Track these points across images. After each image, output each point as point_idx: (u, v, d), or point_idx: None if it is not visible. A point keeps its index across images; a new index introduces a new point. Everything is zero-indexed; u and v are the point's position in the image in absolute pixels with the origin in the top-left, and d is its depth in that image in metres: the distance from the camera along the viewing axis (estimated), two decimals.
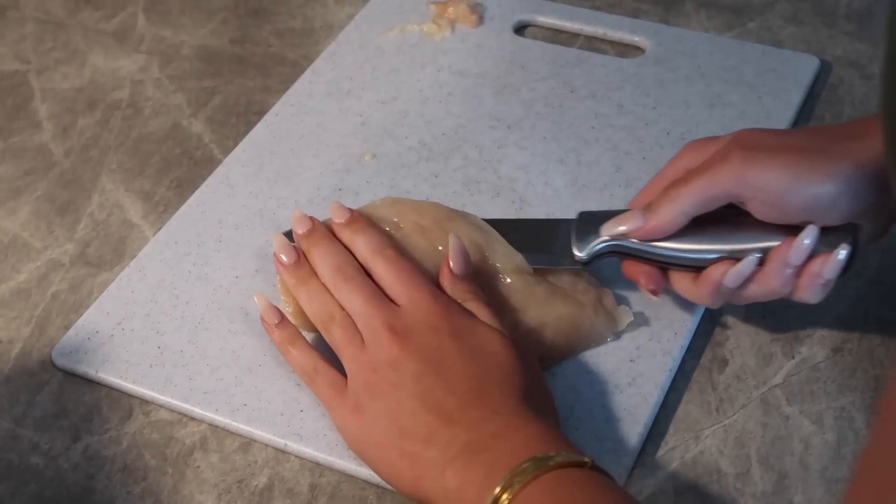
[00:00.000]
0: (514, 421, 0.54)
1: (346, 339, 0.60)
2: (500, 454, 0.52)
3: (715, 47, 0.84)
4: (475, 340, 0.58)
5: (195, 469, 0.61)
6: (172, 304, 0.68)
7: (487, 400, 0.56)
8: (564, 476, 0.51)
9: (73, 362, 0.66)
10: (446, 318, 0.59)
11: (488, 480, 0.51)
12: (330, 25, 0.91)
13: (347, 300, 0.61)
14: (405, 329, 0.58)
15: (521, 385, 0.57)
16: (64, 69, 0.89)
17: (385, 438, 0.56)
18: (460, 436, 0.54)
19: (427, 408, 0.56)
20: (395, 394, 0.57)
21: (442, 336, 0.58)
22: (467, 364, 0.57)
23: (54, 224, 0.76)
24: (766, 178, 0.57)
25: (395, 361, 0.57)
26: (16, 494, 0.61)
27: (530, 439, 0.53)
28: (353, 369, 0.59)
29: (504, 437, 0.53)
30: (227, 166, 0.78)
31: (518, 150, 0.77)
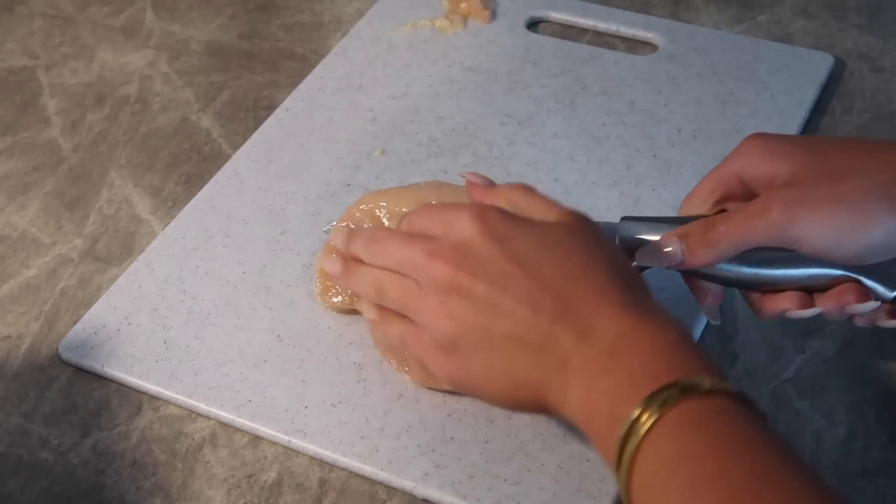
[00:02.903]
0: (625, 326, 0.51)
1: (400, 293, 0.57)
2: (623, 376, 0.49)
3: (728, 44, 0.84)
4: (534, 238, 0.55)
5: (204, 464, 0.61)
6: (179, 300, 0.68)
7: (582, 300, 0.52)
8: (700, 408, 0.47)
9: (80, 357, 0.66)
10: (491, 226, 0.55)
11: (614, 409, 0.48)
12: (338, 20, 0.91)
13: (385, 258, 0.58)
14: (450, 250, 0.55)
15: (609, 268, 0.54)
16: (72, 64, 0.89)
17: (490, 372, 0.54)
18: (573, 351, 0.51)
19: (518, 326, 0.53)
20: (475, 321, 0.54)
21: (495, 245, 0.54)
22: (539, 266, 0.54)
23: (63, 219, 0.76)
24: (808, 234, 0.54)
25: (457, 287, 0.54)
26: (25, 490, 0.60)
27: (650, 353, 0.50)
28: (424, 316, 0.56)
29: (621, 351, 0.50)
30: (237, 161, 0.78)
31: (528, 146, 0.77)
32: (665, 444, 0.46)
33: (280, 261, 0.70)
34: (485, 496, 0.57)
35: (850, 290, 0.56)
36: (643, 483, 0.47)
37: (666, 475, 0.46)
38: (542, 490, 0.57)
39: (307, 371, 0.64)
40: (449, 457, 0.59)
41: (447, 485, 0.58)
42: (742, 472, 0.44)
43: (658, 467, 0.46)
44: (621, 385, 0.49)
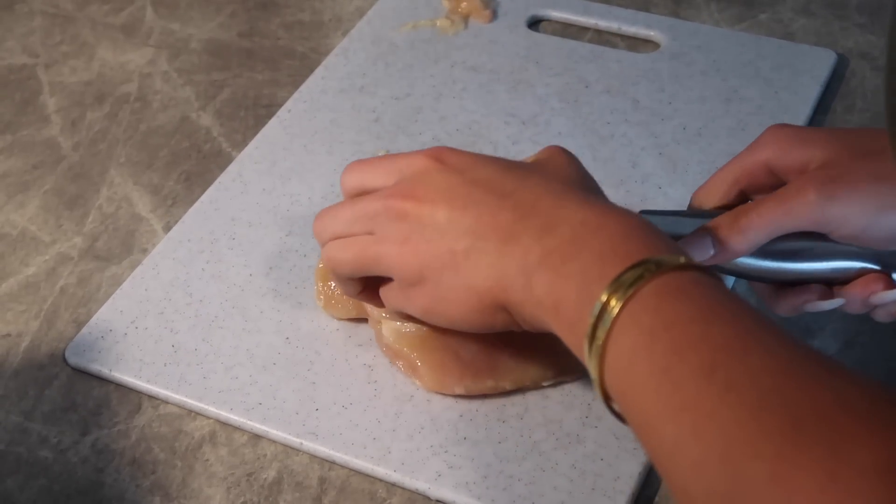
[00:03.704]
0: (588, 215, 0.51)
1: (356, 251, 0.57)
2: (590, 259, 0.49)
3: (730, 42, 0.84)
4: (493, 165, 0.56)
5: (204, 462, 0.61)
6: (186, 303, 0.68)
7: (543, 201, 0.53)
8: (676, 280, 0.47)
9: (87, 361, 0.65)
10: (448, 159, 0.56)
11: (584, 290, 0.48)
12: (339, 18, 0.91)
13: (337, 223, 0.59)
14: (408, 186, 0.56)
15: (568, 178, 0.55)
16: (72, 63, 0.89)
17: (455, 292, 0.54)
18: (534, 245, 0.51)
19: (479, 237, 0.53)
20: (439, 246, 0.54)
21: (454, 174, 0.55)
22: (500, 183, 0.54)
23: (62, 218, 0.75)
24: (846, 214, 0.54)
25: (418, 218, 0.55)
26: (24, 488, 0.60)
27: (617, 236, 0.50)
28: (387, 262, 0.56)
29: (585, 238, 0.50)
30: (240, 163, 0.77)
31: (533, 145, 0.77)
32: (645, 315, 0.46)
33: (286, 263, 0.70)
34: (499, 496, 0.57)
35: (877, 278, 0.56)
36: (621, 355, 0.46)
37: (648, 342, 0.45)
38: (556, 490, 0.57)
39: (317, 373, 0.63)
40: (462, 457, 0.59)
41: (461, 485, 0.57)
42: (725, 334, 0.44)
43: (638, 337, 0.46)
44: (591, 266, 0.49)
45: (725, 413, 0.41)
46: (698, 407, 0.42)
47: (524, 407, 0.61)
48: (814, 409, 0.40)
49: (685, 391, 0.43)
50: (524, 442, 0.59)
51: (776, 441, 0.40)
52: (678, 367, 0.44)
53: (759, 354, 0.43)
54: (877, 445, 0.38)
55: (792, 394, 0.41)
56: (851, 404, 0.40)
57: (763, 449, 0.40)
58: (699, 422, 0.42)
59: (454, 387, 0.61)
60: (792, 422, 0.40)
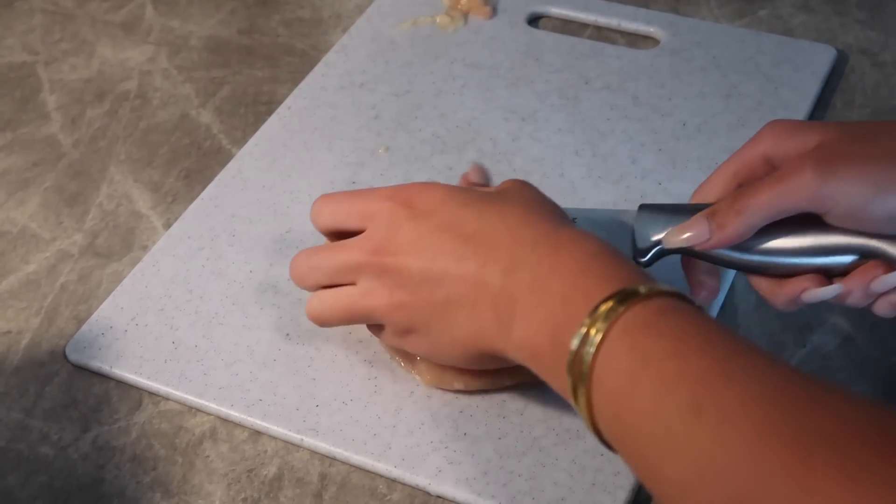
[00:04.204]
0: (542, 253, 0.52)
1: (346, 304, 0.59)
2: (554, 304, 0.49)
3: (730, 38, 0.84)
4: (454, 201, 0.57)
5: (205, 459, 0.61)
6: (186, 300, 0.68)
7: (501, 241, 0.54)
8: (642, 313, 0.47)
9: (88, 358, 0.65)
10: (412, 205, 0.57)
11: (556, 338, 0.48)
12: (338, 15, 0.91)
13: (319, 274, 0.60)
14: (377, 245, 0.57)
15: (524, 206, 0.56)
16: (72, 60, 0.89)
17: (443, 339, 0.56)
18: (501, 292, 0.52)
19: (452, 286, 0.54)
20: (419, 299, 0.55)
21: (420, 221, 0.56)
22: (461, 225, 0.55)
23: (63, 215, 0.76)
24: (843, 191, 0.53)
25: (397, 273, 0.56)
26: (25, 485, 0.60)
27: (574, 273, 0.50)
28: (378, 314, 0.58)
29: (545, 280, 0.51)
30: (240, 160, 0.77)
31: (533, 142, 0.77)
32: (620, 357, 0.46)
33: (286, 259, 0.69)
34: (499, 492, 0.57)
35: (876, 264, 0.55)
36: (606, 401, 0.46)
37: (630, 385, 0.45)
38: (556, 485, 0.57)
39: (317, 369, 0.63)
40: (462, 453, 0.59)
41: (461, 481, 0.58)
42: (705, 363, 0.44)
43: (619, 380, 0.45)
44: (555, 312, 0.49)
45: (725, 452, 0.40)
46: (695, 448, 0.42)
47: (524, 403, 0.61)
48: (821, 438, 0.39)
49: (677, 434, 0.42)
50: (524, 438, 0.59)
51: (787, 476, 0.38)
52: (664, 409, 0.43)
53: (743, 382, 0.42)
54: (893, 476, 0.36)
55: (793, 420, 0.40)
56: (860, 430, 0.39)
57: (775, 489, 0.38)
58: (700, 463, 0.41)
59: (454, 382, 0.61)
60: (800, 453, 0.39)
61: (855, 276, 0.55)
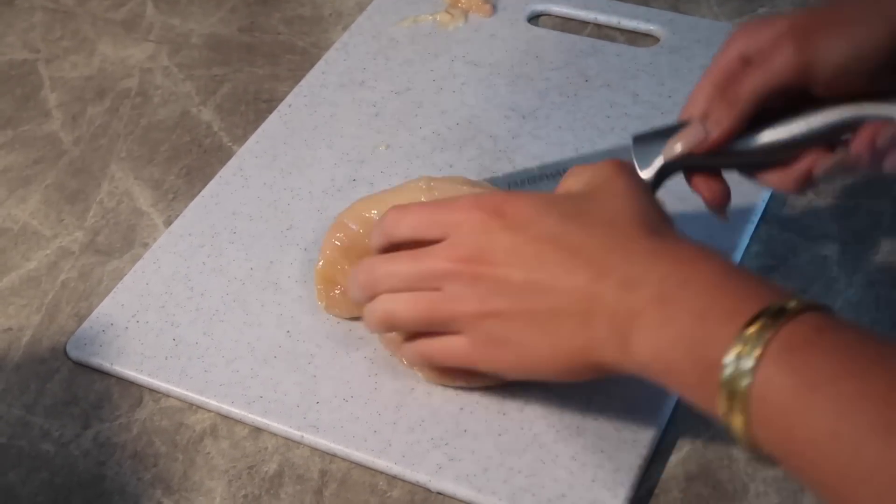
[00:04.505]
0: (666, 268, 0.50)
1: (425, 308, 0.56)
2: (690, 320, 0.48)
3: None
4: (551, 213, 0.54)
5: (205, 455, 0.61)
6: (187, 297, 0.68)
7: (613, 255, 0.52)
8: (799, 331, 0.45)
9: (88, 355, 0.65)
10: (503, 215, 0.55)
11: (696, 354, 0.47)
12: (339, 13, 0.91)
13: (396, 280, 0.57)
14: (471, 249, 0.54)
15: (632, 218, 0.53)
16: (73, 58, 0.89)
17: (541, 350, 0.54)
18: (619, 306, 0.50)
19: (560, 297, 0.52)
20: (519, 307, 0.53)
21: (515, 233, 0.54)
22: (565, 237, 0.53)
23: (64, 212, 0.76)
24: (823, 55, 0.53)
25: (494, 281, 0.54)
26: (26, 482, 0.60)
27: (709, 289, 0.48)
28: (463, 322, 0.55)
29: (673, 295, 0.49)
30: (241, 158, 0.77)
31: (533, 139, 0.77)
32: (783, 377, 0.44)
33: (287, 256, 0.70)
34: (500, 488, 0.57)
35: (876, 124, 0.55)
36: (770, 420, 0.45)
37: (800, 406, 0.44)
38: (556, 482, 0.57)
39: (318, 366, 0.64)
40: (462, 450, 0.59)
41: (462, 478, 0.58)
42: (881, 382, 0.43)
43: (785, 400, 0.44)
44: (692, 328, 0.48)
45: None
46: (891, 470, 0.41)
47: (524, 399, 0.61)
48: None
49: (867, 457, 0.41)
50: (524, 434, 0.59)
51: None
52: (847, 431, 0.42)
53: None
54: None
55: None
56: None
57: None
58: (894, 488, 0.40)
59: (455, 379, 0.61)
60: None
61: (858, 138, 0.56)
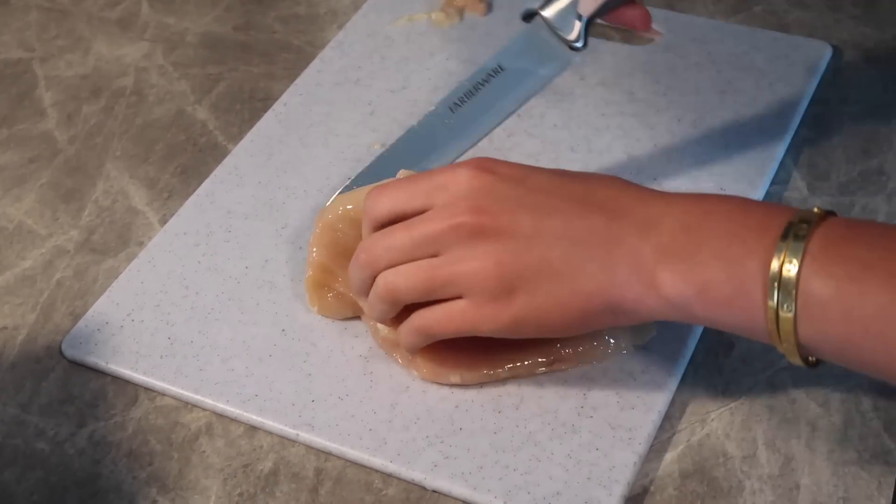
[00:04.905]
0: (684, 205, 0.51)
1: (425, 274, 0.56)
2: (723, 241, 0.49)
3: (725, 34, 0.84)
4: (546, 173, 0.55)
5: (201, 454, 0.61)
6: (182, 295, 0.68)
7: (623, 200, 0.53)
8: (830, 231, 0.48)
9: (83, 353, 0.65)
10: (498, 171, 0.54)
11: (735, 269, 0.48)
12: (334, 12, 0.91)
13: (396, 252, 0.57)
14: (471, 206, 0.53)
15: (624, 182, 0.55)
16: (68, 57, 0.89)
17: (557, 297, 0.53)
18: (640, 243, 0.51)
19: (575, 241, 0.52)
20: (530, 254, 0.53)
21: (516, 185, 0.54)
22: (568, 187, 0.53)
23: (59, 211, 0.76)
24: None
25: (498, 230, 0.53)
26: (21, 480, 0.60)
27: (734, 213, 0.50)
28: (467, 279, 0.54)
29: (700, 225, 0.50)
30: (236, 156, 0.77)
31: (528, 137, 0.77)
32: (833, 266, 0.47)
33: (282, 255, 0.70)
34: (495, 486, 0.57)
35: None
36: (823, 309, 0.47)
37: (855, 289, 0.46)
38: (552, 479, 0.57)
39: (313, 364, 0.64)
40: (458, 447, 0.59)
41: (457, 476, 0.58)
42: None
43: (838, 286, 0.47)
44: (729, 247, 0.49)
45: None
46: None
47: (519, 397, 0.61)
48: None
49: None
50: (520, 432, 0.59)
51: None
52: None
53: None
54: None
55: None
56: None
57: None
58: None
59: (450, 376, 0.61)
60: None
61: None
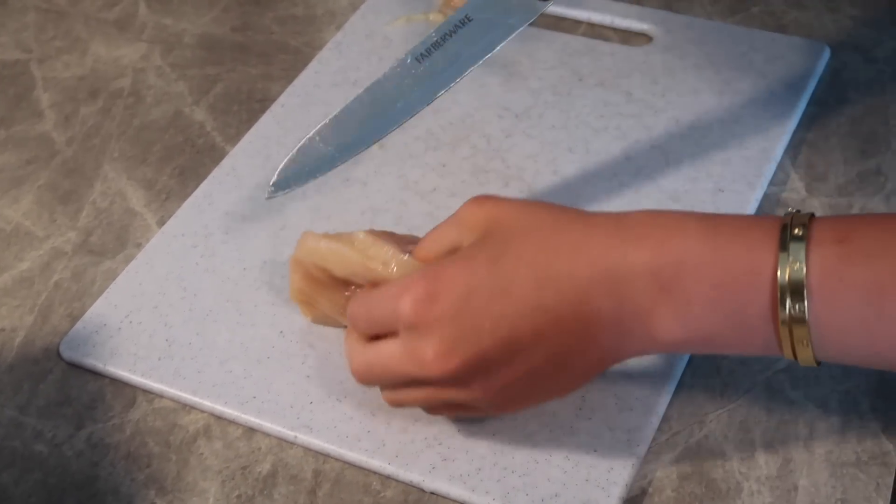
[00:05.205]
0: (655, 245, 0.51)
1: (453, 412, 0.58)
2: (706, 294, 0.50)
3: (723, 35, 0.84)
4: (470, 281, 0.53)
5: (199, 456, 0.61)
6: (180, 297, 0.68)
7: (581, 261, 0.51)
8: (826, 220, 0.49)
9: (81, 355, 0.65)
10: (431, 298, 0.53)
11: (737, 321, 0.49)
12: (332, 12, 0.91)
13: (388, 380, 0.58)
14: (443, 364, 0.53)
15: (554, 217, 0.54)
16: (66, 58, 0.88)
17: (559, 388, 0.55)
18: (635, 301, 0.51)
19: (558, 343, 0.52)
20: (522, 369, 0.53)
21: (454, 304, 0.52)
22: (524, 282, 0.52)
23: (56, 213, 0.76)
24: None
25: (479, 366, 0.53)
26: (20, 482, 0.60)
27: (713, 222, 0.51)
28: (491, 412, 0.57)
29: (683, 279, 0.50)
30: (234, 157, 0.77)
31: (526, 138, 0.77)
32: (844, 296, 0.48)
33: (280, 256, 0.70)
34: (493, 488, 0.57)
35: None
36: (835, 296, 0.48)
37: (873, 312, 0.47)
38: (550, 481, 0.57)
39: (311, 366, 0.64)
40: (456, 449, 0.59)
41: (455, 477, 0.58)
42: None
43: (854, 313, 0.48)
44: (721, 300, 0.49)
45: None
46: None
47: None
48: None
49: None
50: (518, 434, 0.59)
51: None
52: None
53: None
54: None
55: None
56: None
57: None
58: None
59: None
60: None
61: None
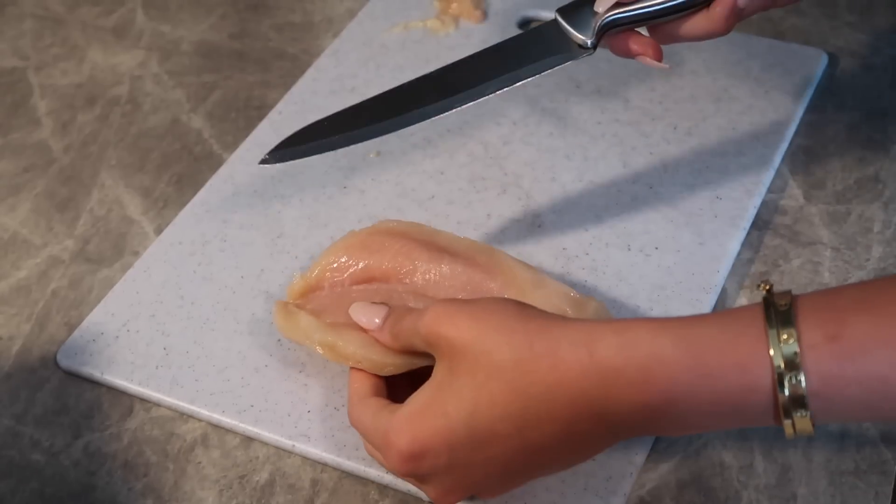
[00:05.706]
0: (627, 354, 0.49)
1: None
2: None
3: (720, 41, 0.82)
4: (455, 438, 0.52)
5: (196, 465, 0.61)
6: (178, 305, 0.68)
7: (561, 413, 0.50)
8: (805, 299, 0.49)
9: (79, 364, 0.65)
10: (415, 457, 0.53)
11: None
12: (329, 19, 0.91)
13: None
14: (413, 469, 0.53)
15: (516, 335, 0.51)
16: (63, 65, 0.88)
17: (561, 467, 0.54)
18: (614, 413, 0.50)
19: (549, 454, 0.52)
20: (524, 463, 0.53)
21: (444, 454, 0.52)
22: (491, 427, 0.51)
23: (54, 221, 0.75)
24: None
25: (486, 476, 0.53)
26: (17, 492, 0.60)
27: (692, 322, 0.50)
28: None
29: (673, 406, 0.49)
30: (231, 165, 0.77)
31: (524, 146, 0.77)
32: (851, 366, 0.47)
33: (278, 265, 0.70)
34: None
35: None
36: (852, 400, 0.47)
37: (861, 345, 0.47)
38: (548, 490, 0.57)
39: (308, 375, 0.63)
40: None
41: None
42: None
43: (854, 399, 0.47)
44: (714, 415, 0.49)
45: None
46: None
47: None
48: None
49: None
50: None
51: None
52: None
53: None
54: None
55: None
56: None
57: None
58: None
59: None
60: None
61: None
